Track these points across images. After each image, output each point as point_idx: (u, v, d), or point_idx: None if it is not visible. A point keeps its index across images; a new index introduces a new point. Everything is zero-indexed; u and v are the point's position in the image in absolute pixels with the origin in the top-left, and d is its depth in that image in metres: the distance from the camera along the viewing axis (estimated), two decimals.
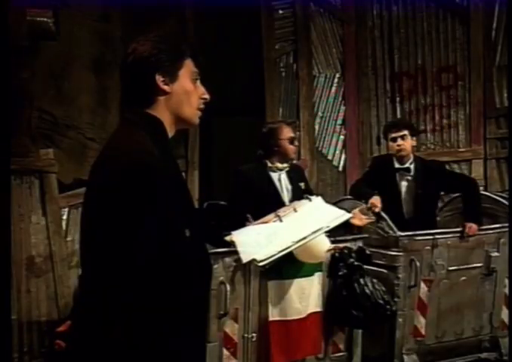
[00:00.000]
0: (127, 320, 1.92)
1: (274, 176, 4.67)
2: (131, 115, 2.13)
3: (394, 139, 5.11)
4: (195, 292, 2.09)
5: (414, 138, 5.27)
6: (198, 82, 2.19)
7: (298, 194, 4.57)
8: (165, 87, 2.10)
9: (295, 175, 4.75)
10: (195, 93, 2.16)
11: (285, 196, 4.66)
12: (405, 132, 5.11)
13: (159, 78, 2.09)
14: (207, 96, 2.19)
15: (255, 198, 4.49)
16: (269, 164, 4.67)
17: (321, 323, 4.34)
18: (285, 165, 4.69)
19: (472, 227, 4.90)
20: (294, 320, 4.18)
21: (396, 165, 5.17)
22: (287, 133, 4.65)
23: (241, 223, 4.17)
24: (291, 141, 4.64)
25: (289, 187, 4.67)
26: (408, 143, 5.12)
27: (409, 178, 5.15)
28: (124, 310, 1.91)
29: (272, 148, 4.65)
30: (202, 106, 2.19)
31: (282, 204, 4.52)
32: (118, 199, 1.92)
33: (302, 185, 4.70)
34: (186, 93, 2.14)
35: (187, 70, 2.15)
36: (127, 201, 1.92)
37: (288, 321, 4.17)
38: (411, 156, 5.20)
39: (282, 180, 4.68)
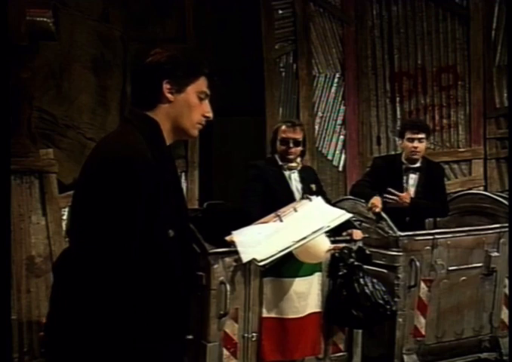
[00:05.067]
0: (108, 319, 1.94)
1: (286, 174, 4.69)
2: (130, 115, 2.19)
3: (412, 140, 5.11)
4: (175, 293, 2.10)
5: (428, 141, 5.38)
6: (206, 101, 2.23)
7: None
8: (169, 96, 2.15)
9: (307, 175, 4.77)
10: (198, 109, 2.20)
11: (296, 195, 4.66)
12: (424, 135, 5.13)
13: (166, 86, 2.14)
14: (210, 115, 2.23)
15: (270, 194, 4.52)
16: (280, 162, 4.70)
17: (320, 323, 4.34)
18: (293, 164, 4.69)
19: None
20: (291, 318, 4.18)
21: (406, 165, 5.18)
22: (282, 133, 4.67)
23: (246, 221, 4.18)
24: (285, 142, 4.63)
25: (299, 186, 4.69)
26: (423, 146, 5.15)
27: (417, 177, 5.17)
28: (105, 309, 1.94)
29: (274, 148, 4.73)
30: (203, 123, 2.23)
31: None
32: (101, 196, 1.97)
33: (314, 186, 4.71)
34: (188, 107, 2.18)
35: (197, 87, 2.19)
36: (109, 198, 1.96)
37: (285, 320, 4.17)
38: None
39: (292, 179, 4.70)
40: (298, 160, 4.74)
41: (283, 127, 4.70)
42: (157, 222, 2.03)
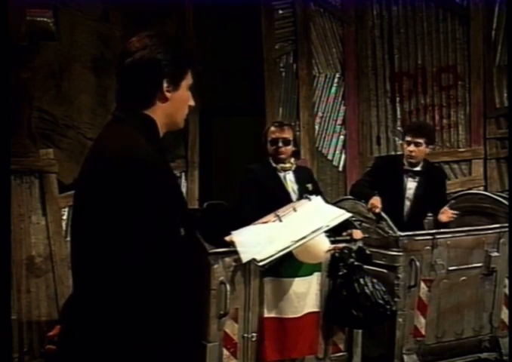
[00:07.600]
0: (122, 319, 1.92)
1: (281, 175, 4.67)
2: (125, 114, 2.12)
3: (408, 143, 5.11)
4: (189, 290, 2.10)
5: (431, 146, 5.30)
6: (190, 92, 2.22)
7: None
8: (168, 94, 2.12)
9: (303, 176, 4.75)
10: (188, 102, 2.20)
11: (292, 196, 4.65)
12: (421, 140, 5.10)
13: (165, 85, 2.11)
14: (193, 103, 2.23)
15: (266, 197, 4.49)
16: (274, 164, 4.67)
17: (318, 323, 4.34)
18: (287, 165, 4.67)
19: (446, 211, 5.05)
20: (289, 318, 4.18)
21: (407, 167, 5.17)
22: (271, 133, 4.65)
23: (245, 222, 4.17)
24: (274, 142, 4.61)
25: (295, 187, 4.67)
26: (420, 151, 5.12)
27: (416, 180, 5.17)
28: (118, 310, 1.92)
29: (266, 149, 4.69)
30: (188, 113, 2.23)
31: None
32: (114, 198, 1.93)
33: (309, 186, 4.69)
34: (182, 102, 2.18)
35: (188, 81, 2.18)
36: (123, 201, 1.93)
37: (283, 319, 4.18)
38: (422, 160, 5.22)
39: (287, 180, 4.67)
40: (292, 160, 4.71)
41: (271, 128, 4.69)
42: (170, 222, 2.02)
